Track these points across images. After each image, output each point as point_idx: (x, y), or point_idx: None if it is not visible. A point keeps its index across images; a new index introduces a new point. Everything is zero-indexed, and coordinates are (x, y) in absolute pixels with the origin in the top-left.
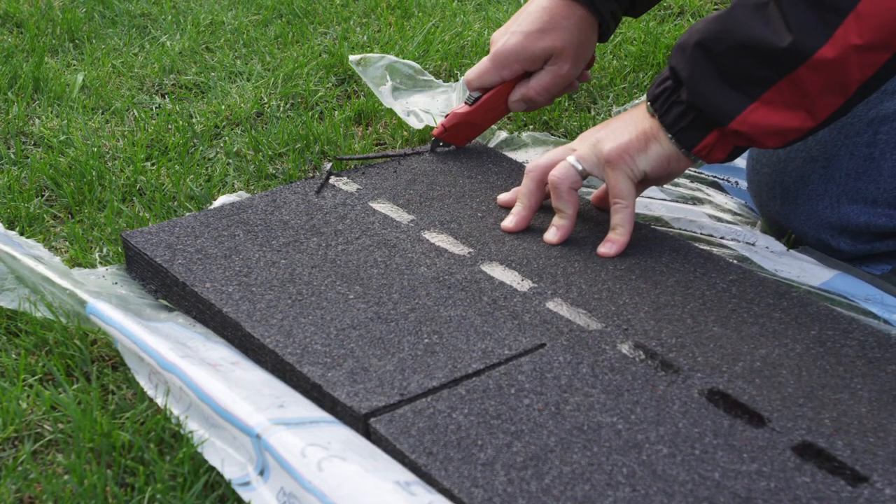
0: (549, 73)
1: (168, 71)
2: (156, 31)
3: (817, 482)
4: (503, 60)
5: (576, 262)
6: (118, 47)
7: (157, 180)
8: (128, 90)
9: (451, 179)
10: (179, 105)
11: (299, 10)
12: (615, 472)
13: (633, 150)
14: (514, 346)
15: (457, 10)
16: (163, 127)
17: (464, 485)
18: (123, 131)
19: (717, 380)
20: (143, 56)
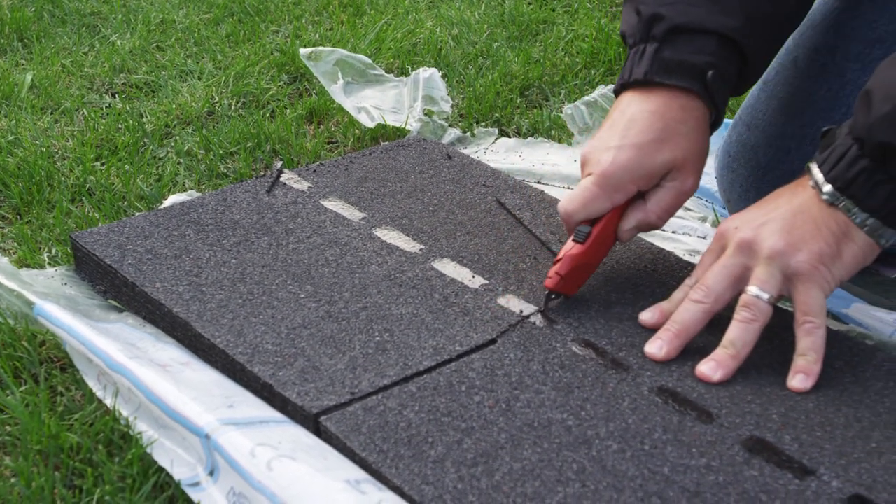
0: (670, 190)
1: (118, 70)
2: (106, 29)
3: (765, 476)
4: (615, 182)
5: (527, 259)
6: (68, 46)
7: (106, 180)
8: (77, 90)
9: (403, 176)
10: (130, 104)
11: (251, 8)
12: (565, 467)
13: (828, 258)
14: (465, 343)
15: (409, 8)
16: (113, 126)
17: (414, 482)
18: (73, 131)
19: (667, 378)
20: (94, 55)
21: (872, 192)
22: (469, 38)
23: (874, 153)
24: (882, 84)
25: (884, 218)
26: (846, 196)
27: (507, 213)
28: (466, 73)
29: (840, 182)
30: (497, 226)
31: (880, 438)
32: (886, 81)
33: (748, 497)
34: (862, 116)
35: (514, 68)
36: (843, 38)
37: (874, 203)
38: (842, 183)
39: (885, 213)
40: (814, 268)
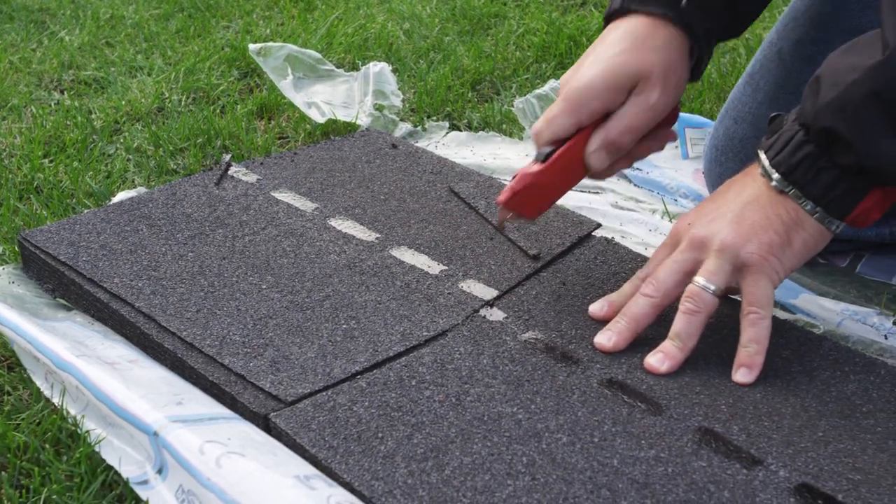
0: (634, 105)
1: (67, 66)
2: (54, 26)
3: (713, 466)
4: (578, 99)
5: (483, 243)
6: (15, 43)
7: (55, 177)
8: (25, 86)
9: (350, 166)
10: (78, 101)
11: (201, 4)
12: (515, 461)
13: (777, 248)
14: (431, 328)
15: (360, 3)
16: (61, 123)
17: (364, 477)
18: (21, 128)
19: (616, 370)
20: (42, 51)
21: (816, 178)
22: (420, 32)
23: (819, 139)
24: (831, 71)
25: (826, 206)
26: (790, 182)
27: (459, 200)
28: (418, 68)
29: (784, 167)
30: (450, 213)
31: (827, 427)
32: (835, 68)
33: (697, 487)
34: (809, 102)
35: (465, 62)
36: (826, 30)
37: (816, 190)
38: (786, 168)
39: (826, 201)
40: (763, 258)
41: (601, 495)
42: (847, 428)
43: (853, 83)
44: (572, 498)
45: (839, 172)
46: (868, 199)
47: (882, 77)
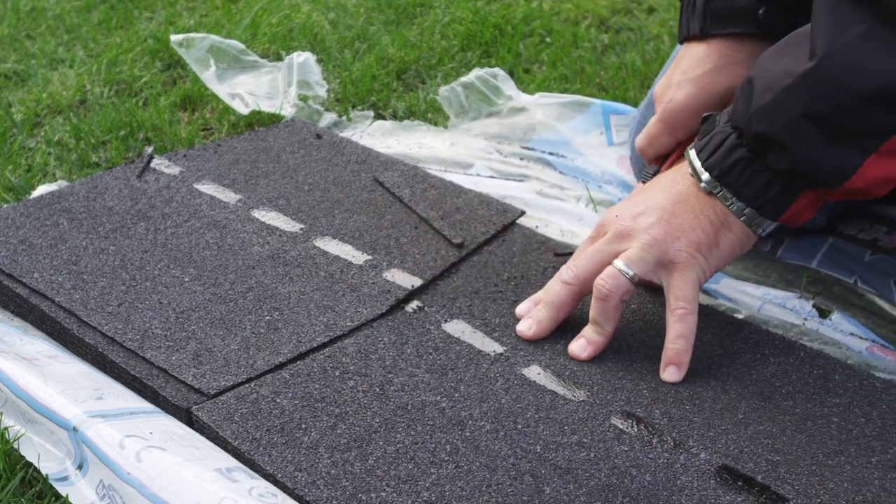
0: None
1: None
2: None
3: (636, 450)
4: (675, 120)
5: (408, 233)
6: None
7: None
8: None
9: (274, 157)
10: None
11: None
12: (439, 449)
13: (705, 248)
14: (355, 318)
15: None
16: None
17: (287, 469)
18: None
19: (540, 356)
20: None
21: (749, 181)
22: (346, 22)
23: (752, 143)
24: (764, 74)
25: (759, 208)
26: (723, 185)
27: (384, 190)
28: (343, 58)
29: (717, 170)
30: (374, 202)
31: (747, 410)
32: (768, 72)
33: (619, 472)
34: (742, 105)
35: (390, 52)
36: None
37: (749, 193)
38: (719, 171)
39: (759, 203)
40: (691, 256)
41: (524, 481)
42: (767, 410)
43: (787, 89)
44: (495, 485)
45: (772, 176)
46: (800, 200)
47: (814, 88)
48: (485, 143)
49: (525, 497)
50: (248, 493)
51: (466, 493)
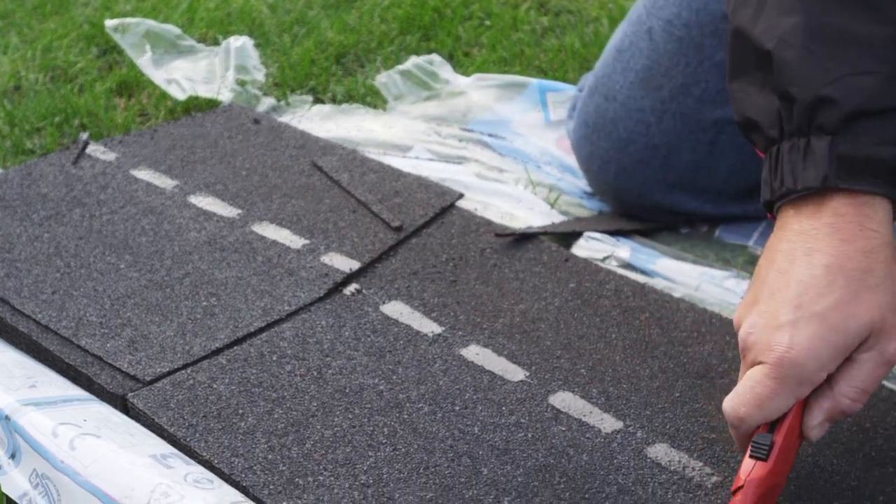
0: (867, 363)
1: None
2: None
3: (573, 430)
4: (798, 372)
5: (346, 216)
6: None
7: None
8: None
9: (211, 142)
10: None
11: None
12: (376, 432)
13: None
14: (293, 302)
15: None
16: None
17: (224, 455)
18: None
19: (479, 336)
20: None
21: None
22: (284, 6)
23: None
24: None
25: None
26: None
27: (322, 174)
28: (281, 42)
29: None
30: (312, 187)
31: (683, 388)
32: None
33: (556, 452)
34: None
35: (329, 36)
36: (695, 12)
37: None
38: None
39: None
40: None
41: (462, 463)
42: (703, 388)
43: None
44: (433, 466)
45: None
46: None
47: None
48: (424, 126)
49: (463, 478)
50: (183, 480)
51: (404, 476)
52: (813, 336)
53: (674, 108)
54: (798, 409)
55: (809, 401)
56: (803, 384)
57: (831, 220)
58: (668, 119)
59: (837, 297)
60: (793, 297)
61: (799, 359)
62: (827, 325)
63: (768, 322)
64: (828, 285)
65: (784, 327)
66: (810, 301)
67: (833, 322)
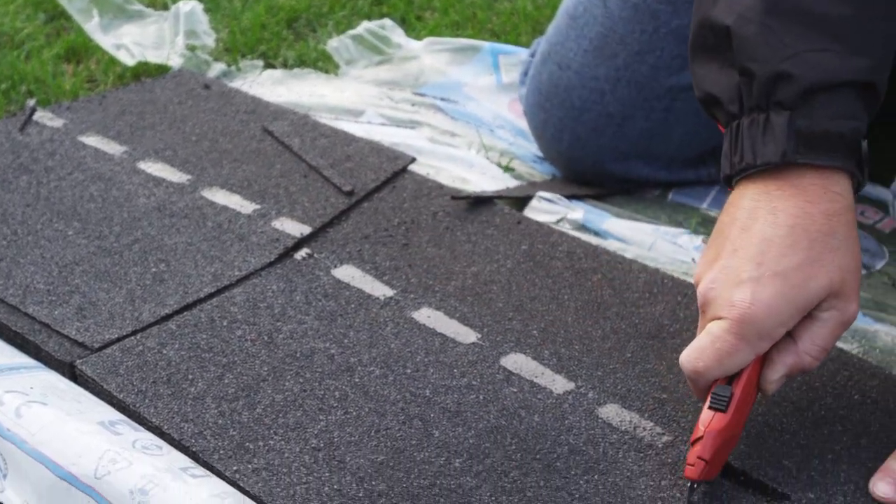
0: (827, 322)
1: None
2: None
3: (524, 392)
4: (759, 330)
5: (297, 181)
6: None
7: None
8: None
9: (161, 108)
10: None
11: None
12: (328, 396)
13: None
14: (243, 268)
15: None
16: None
17: (173, 420)
18: None
19: (430, 299)
20: None
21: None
22: None
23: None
24: None
25: None
26: None
27: (273, 140)
28: (231, 6)
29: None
30: (263, 152)
31: (635, 348)
32: None
33: (507, 413)
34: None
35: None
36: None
37: None
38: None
39: None
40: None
41: (413, 426)
42: (655, 348)
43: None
44: (384, 430)
45: None
46: None
47: None
48: (376, 90)
49: (414, 441)
50: (131, 446)
51: (355, 439)
52: (775, 294)
53: (629, 76)
54: (756, 364)
55: (772, 356)
56: (763, 340)
57: (794, 187)
58: (623, 87)
59: (800, 258)
60: (755, 254)
61: (760, 315)
62: (788, 284)
63: (730, 278)
64: (791, 245)
65: (746, 284)
66: (773, 260)
67: (795, 281)
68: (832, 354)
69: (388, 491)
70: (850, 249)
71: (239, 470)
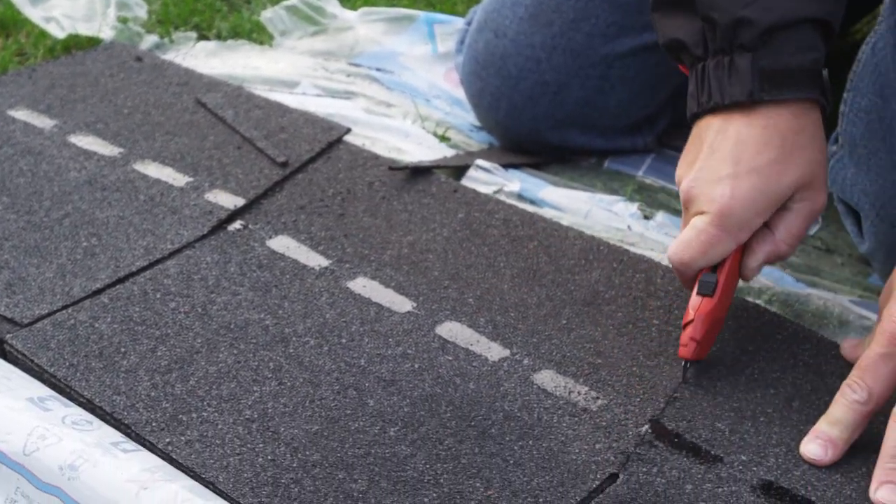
0: (800, 212)
1: None
2: None
3: (459, 360)
4: (738, 219)
5: (231, 153)
6: None
7: None
8: None
9: (92, 81)
10: None
11: None
12: (262, 367)
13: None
14: (176, 241)
15: None
16: None
17: (105, 393)
18: None
19: (366, 269)
20: None
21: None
22: None
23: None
24: None
25: None
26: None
27: (206, 112)
28: None
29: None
30: (197, 124)
31: (570, 315)
32: None
33: (443, 381)
34: None
35: None
36: None
37: None
38: None
39: None
40: None
41: (348, 395)
42: (590, 314)
43: None
44: (319, 400)
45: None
46: None
47: None
48: (311, 61)
49: (348, 410)
50: (61, 422)
51: (289, 410)
52: (751, 188)
53: (564, 44)
54: (736, 254)
55: (752, 245)
56: (742, 230)
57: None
58: (559, 55)
59: (773, 155)
60: (732, 153)
61: (738, 208)
62: (763, 179)
63: (709, 176)
64: (765, 144)
65: (725, 180)
66: (749, 157)
67: (769, 176)
68: (765, 318)
69: (322, 461)
70: (818, 146)
71: (171, 442)
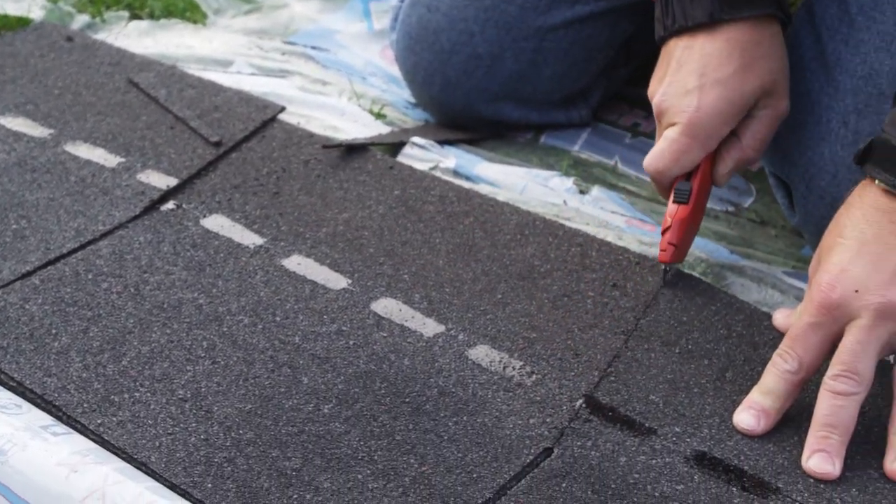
0: (764, 119)
1: None
2: None
3: (394, 336)
4: (706, 128)
5: (163, 133)
6: None
7: None
8: None
9: (22, 61)
10: None
11: None
12: (195, 346)
13: None
14: (107, 222)
15: None
16: None
17: (35, 375)
18: None
19: (301, 246)
20: None
21: None
22: None
23: None
24: None
25: None
26: None
27: (138, 91)
28: None
29: None
30: (129, 104)
31: (505, 290)
32: None
33: (377, 358)
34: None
35: None
36: None
37: None
38: None
39: None
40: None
41: (282, 373)
42: (525, 289)
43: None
44: (252, 378)
45: None
46: None
47: None
48: (245, 40)
49: (282, 388)
50: None
51: (223, 389)
52: (717, 98)
53: (496, 17)
54: (707, 162)
55: (721, 153)
56: (711, 139)
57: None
58: (492, 28)
59: (736, 66)
60: (698, 67)
61: (705, 117)
62: (728, 88)
63: (678, 89)
64: (727, 56)
65: (692, 92)
66: (713, 70)
67: (733, 86)
68: (700, 288)
69: (255, 439)
70: (777, 55)
71: (103, 423)
